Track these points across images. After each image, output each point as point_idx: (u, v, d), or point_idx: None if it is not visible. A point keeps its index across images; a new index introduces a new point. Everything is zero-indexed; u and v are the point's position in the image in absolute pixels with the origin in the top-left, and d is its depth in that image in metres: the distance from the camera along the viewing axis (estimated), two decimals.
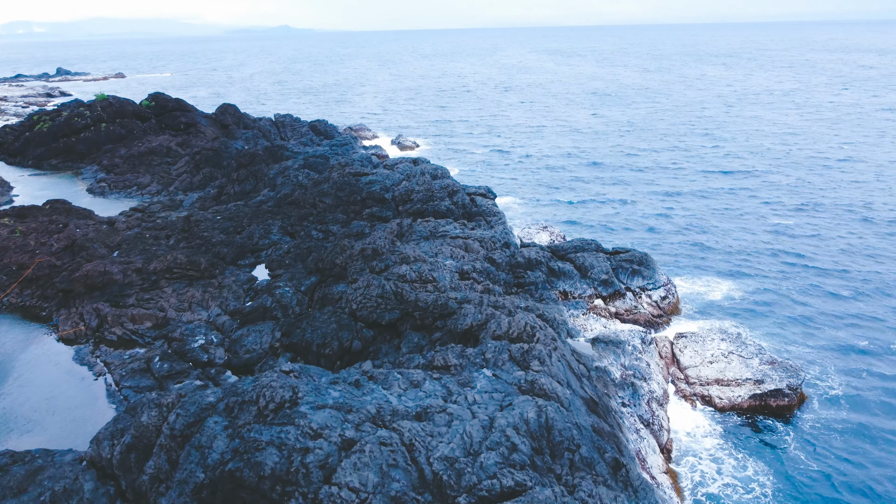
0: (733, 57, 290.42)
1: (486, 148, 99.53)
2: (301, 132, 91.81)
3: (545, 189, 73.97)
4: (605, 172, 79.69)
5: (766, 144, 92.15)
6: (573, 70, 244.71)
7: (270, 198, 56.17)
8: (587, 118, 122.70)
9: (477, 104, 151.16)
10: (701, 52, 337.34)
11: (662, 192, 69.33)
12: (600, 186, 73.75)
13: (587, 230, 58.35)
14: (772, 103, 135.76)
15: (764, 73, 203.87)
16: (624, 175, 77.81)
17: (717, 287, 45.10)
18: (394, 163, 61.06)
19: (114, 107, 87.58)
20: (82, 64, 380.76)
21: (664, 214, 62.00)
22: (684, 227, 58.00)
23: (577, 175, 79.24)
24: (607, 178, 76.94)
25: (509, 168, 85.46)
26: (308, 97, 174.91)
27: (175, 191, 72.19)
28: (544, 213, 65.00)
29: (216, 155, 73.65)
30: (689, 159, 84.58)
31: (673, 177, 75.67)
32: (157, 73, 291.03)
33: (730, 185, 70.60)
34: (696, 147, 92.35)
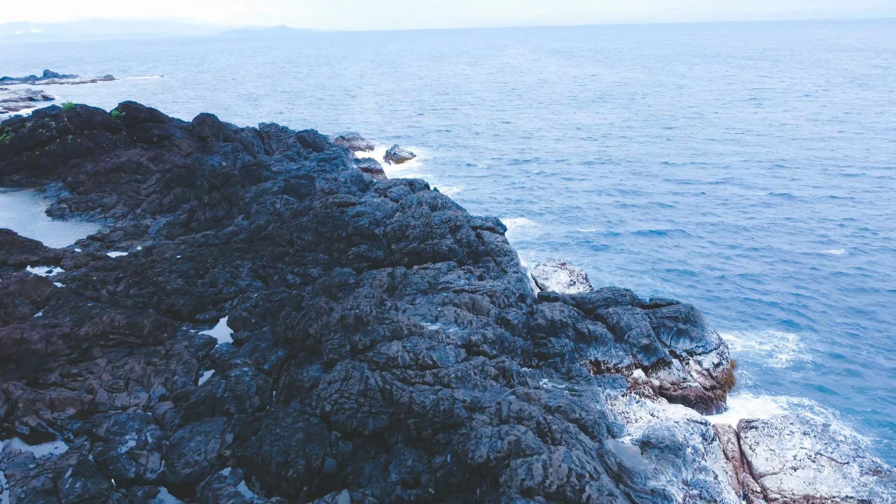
0: (748, 58, 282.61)
1: (490, 159, 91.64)
2: (287, 144, 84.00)
3: (560, 209, 66.16)
4: (627, 190, 71.68)
5: (829, 164, 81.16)
6: (578, 71, 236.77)
7: (243, 229, 48.36)
8: (601, 124, 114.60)
9: (480, 109, 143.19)
10: (710, 53, 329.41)
11: (698, 218, 61.31)
12: (622, 208, 65.96)
13: (611, 264, 50.57)
14: (823, 114, 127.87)
15: (794, 74, 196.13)
16: (651, 195, 69.76)
17: (779, 344, 37.27)
18: (387, 186, 53.28)
19: (82, 117, 79.82)
20: (72, 66, 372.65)
21: (702, 245, 54.21)
22: (730, 263, 50.20)
23: (595, 193, 71.37)
24: (630, 198, 69.00)
25: (518, 183, 77.60)
26: (302, 102, 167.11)
27: (143, 213, 64.38)
28: (560, 238, 57.22)
29: (189, 173, 65.83)
30: (730, 177, 75.85)
31: (710, 199, 67.26)
32: (147, 76, 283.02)
33: (788, 213, 61.61)
34: (737, 163, 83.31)
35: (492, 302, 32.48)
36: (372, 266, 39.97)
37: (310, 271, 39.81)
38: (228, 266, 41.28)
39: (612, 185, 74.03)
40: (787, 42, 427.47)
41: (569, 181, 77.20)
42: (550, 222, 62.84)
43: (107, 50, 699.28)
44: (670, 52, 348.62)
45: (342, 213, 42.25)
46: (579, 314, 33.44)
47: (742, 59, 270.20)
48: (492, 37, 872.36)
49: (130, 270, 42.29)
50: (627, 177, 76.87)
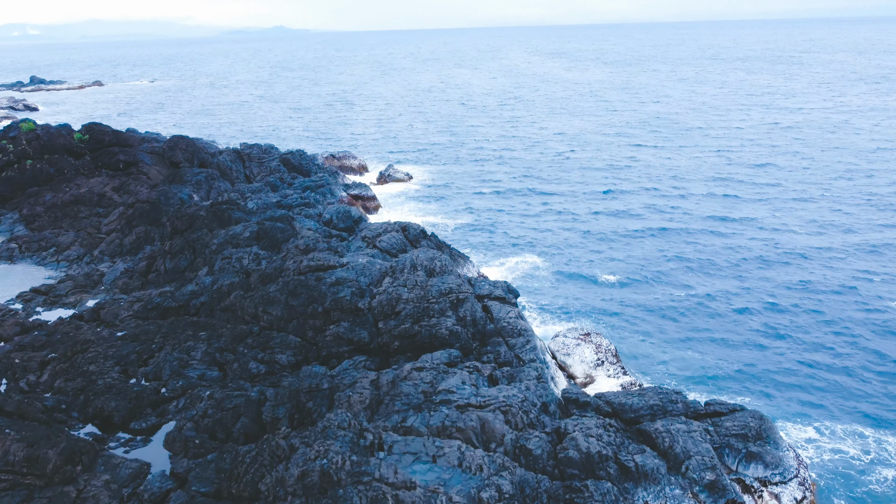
0: (767, 60, 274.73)
1: (494, 180, 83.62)
2: (270, 168, 76.20)
3: (577, 251, 58.30)
4: (655, 228, 63.51)
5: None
6: (583, 76, 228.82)
7: (205, 289, 40.57)
8: (621, 143, 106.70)
9: (482, 119, 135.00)
10: (723, 55, 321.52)
11: (745, 267, 53.30)
12: (648, 249, 58.14)
13: (642, 325, 42.81)
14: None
15: (832, 81, 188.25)
16: (681, 235, 61.68)
17: (870, 446, 29.49)
18: (376, 233, 45.52)
19: (42, 140, 72.03)
20: (63, 71, 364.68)
21: (754, 303, 46.34)
22: (794, 330, 42.42)
23: (616, 228, 63.30)
24: (658, 239, 60.83)
25: (527, 211, 69.52)
26: (294, 112, 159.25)
27: (101, 255, 56.67)
28: (578, 291, 49.42)
29: (153, 209, 58.06)
30: (785, 216, 65.17)
31: (761, 243, 58.79)
32: (137, 81, 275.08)
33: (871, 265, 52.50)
34: (797, 198, 70.85)
35: (507, 422, 24.77)
36: (355, 350, 32.23)
37: (277, 357, 32.05)
38: (179, 348, 33.51)
39: (634, 218, 66.03)
40: (800, 41, 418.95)
41: (584, 211, 69.35)
42: (565, 263, 55.03)
43: (101, 52, 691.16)
44: (678, 53, 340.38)
45: (319, 282, 34.42)
46: (619, 433, 25.72)
47: (762, 62, 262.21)
48: (489, 37, 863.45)
49: (61, 352, 34.47)
50: (653, 210, 68.61)
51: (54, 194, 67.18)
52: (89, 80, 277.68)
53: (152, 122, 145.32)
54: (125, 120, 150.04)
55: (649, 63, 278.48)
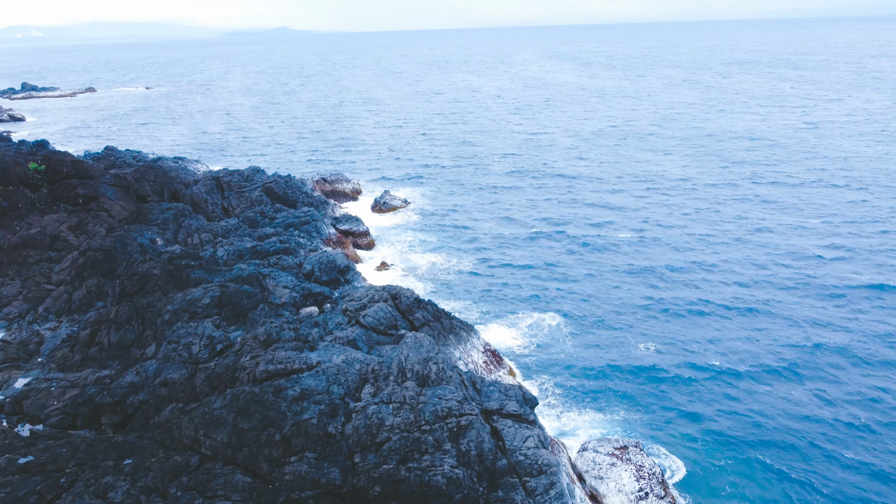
0: (788, 65, 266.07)
1: (505, 212, 74.75)
2: (251, 199, 68.27)
3: (606, 308, 49.97)
4: (715, 304, 53.96)
5: None
6: (599, 83, 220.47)
7: (146, 381, 32.67)
8: (658, 174, 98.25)
9: (491, 136, 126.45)
10: (741, 57, 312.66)
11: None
12: (703, 316, 49.85)
13: (694, 431, 34.66)
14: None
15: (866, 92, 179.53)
16: (745, 301, 51.95)
17: None
18: (360, 303, 37.52)
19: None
20: (58, 75, 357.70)
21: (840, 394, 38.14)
22: None
23: (661, 286, 54.15)
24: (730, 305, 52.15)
25: (545, 259, 60.58)
26: (288, 126, 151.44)
27: (45, 313, 48.83)
28: (608, 366, 41.31)
29: (107, 258, 50.15)
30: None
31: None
32: (131, 87, 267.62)
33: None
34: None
35: None
36: (322, 496, 24.24)
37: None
38: (95, 485, 25.59)
39: (680, 273, 57.34)
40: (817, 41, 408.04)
41: (615, 256, 61.17)
42: (592, 325, 46.88)
43: (100, 55, 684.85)
44: (694, 56, 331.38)
45: (278, 395, 26.43)
46: None
47: (787, 67, 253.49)
48: (491, 39, 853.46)
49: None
50: (704, 271, 59.43)
51: (5, 233, 59.36)
52: (82, 87, 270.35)
53: (137, 137, 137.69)
54: (110, 133, 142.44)
55: (664, 68, 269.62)
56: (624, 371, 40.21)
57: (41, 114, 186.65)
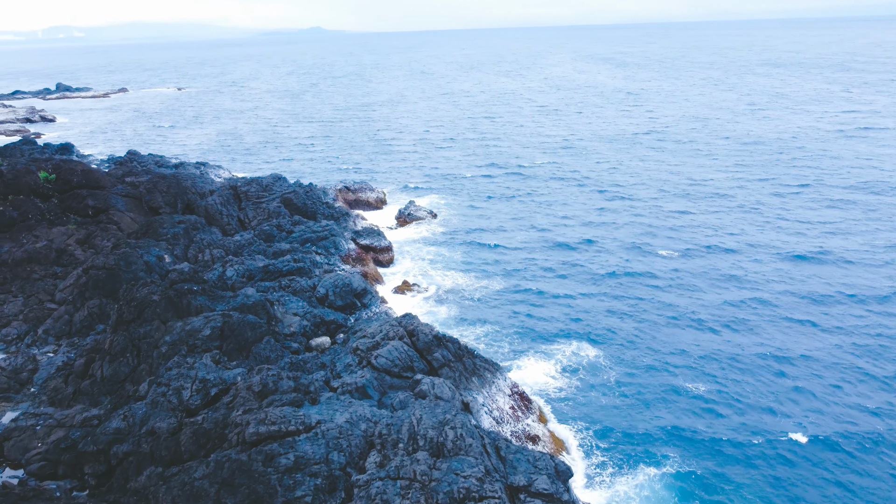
0: (842, 68, 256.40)
1: (539, 228, 69.97)
2: (269, 210, 65.00)
3: (649, 337, 45.57)
4: (764, 313, 49.83)
5: None
6: (635, 84, 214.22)
7: (131, 428, 29.27)
8: (715, 173, 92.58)
9: (526, 142, 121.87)
10: (779, 58, 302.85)
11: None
12: (764, 350, 45.08)
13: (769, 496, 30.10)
14: None
15: None
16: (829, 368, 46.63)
17: None
18: (372, 340, 33.68)
19: (6, 179, 62.03)
20: (93, 76, 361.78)
21: None
22: None
23: (714, 314, 49.28)
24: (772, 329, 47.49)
25: (581, 282, 55.77)
26: (316, 130, 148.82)
27: (45, 336, 46.06)
28: (656, 405, 36.87)
29: (110, 278, 47.16)
30: None
31: None
32: (163, 88, 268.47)
33: None
34: None
35: None
36: None
37: None
38: None
39: (738, 310, 52.46)
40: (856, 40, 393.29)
41: (663, 279, 56.53)
42: (635, 358, 42.42)
43: (136, 55, 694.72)
44: (731, 56, 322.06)
45: (269, 465, 22.70)
46: None
47: (838, 70, 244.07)
48: (524, 38, 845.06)
49: None
50: (759, 304, 53.86)
51: (14, 245, 56.96)
52: (115, 87, 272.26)
53: (163, 139, 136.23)
54: (136, 135, 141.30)
55: (702, 69, 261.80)
56: (675, 413, 35.70)
57: (72, 115, 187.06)
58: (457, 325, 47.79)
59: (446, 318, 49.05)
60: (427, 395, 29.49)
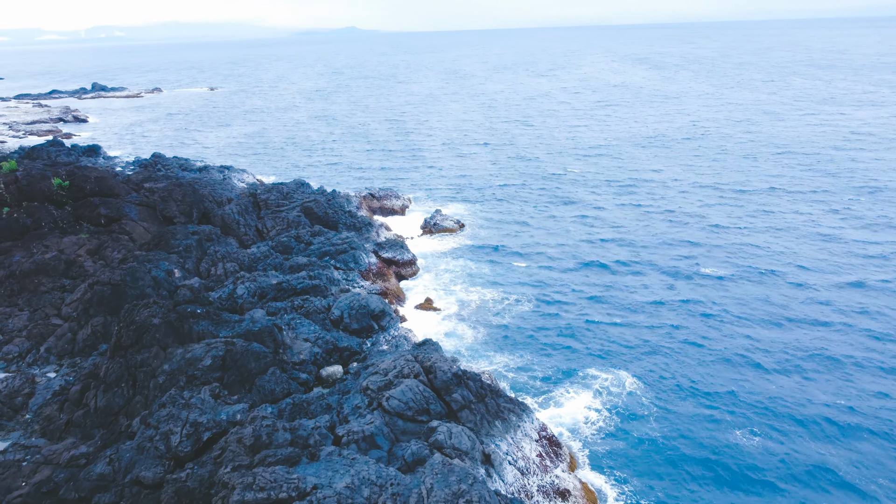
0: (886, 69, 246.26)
1: (573, 242, 65.86)
2: (288, 220, 62.18)
3: (691, 364, 41.64)
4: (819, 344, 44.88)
5: None
6: (675, 87, 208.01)
7: (116, 476, 26.39)
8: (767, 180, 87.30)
9: (562, 144, 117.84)
10: (822, 60, 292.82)
11: None
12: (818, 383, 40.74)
13: None
14: None
15: None
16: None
17: None
18: (384, 379, 30.31)
19: (20, 184, 60.19)
20: (128, 76, 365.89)
21: None
22: None
23: (766, 349, 45.66)
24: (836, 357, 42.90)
25: (618, 303, 52.05)
26: (345, 132, 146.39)
27: (47, 354, 43.70)
28: (700, 454, 32.96)
29: (116, 294, 44.67)
30: None
31: None
32: (196, 88, 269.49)
33: None
34: None
35: None
36: None
37: None
38: None
39: (802, 354, 47.62)
40: None
41: (703, 306, 52.37)
42: (679, 392, 38.55)
43: (172, 55, 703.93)
44: (776, 57, 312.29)
45: None
46: None
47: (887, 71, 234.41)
48: (558, 38, 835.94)
49: None
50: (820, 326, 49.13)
51: (25, 253, 55.01)
52: (149, 87, 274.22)
53: (192, 141, 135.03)
54: (165, 137, 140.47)
55: (747, 70, 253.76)
56: (722, 473, 31.69)
57: (105, 115, 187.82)
58: (482, 351, 44.29)
59: (471, 342, 45.55)
60: (444, 447, 26.10)
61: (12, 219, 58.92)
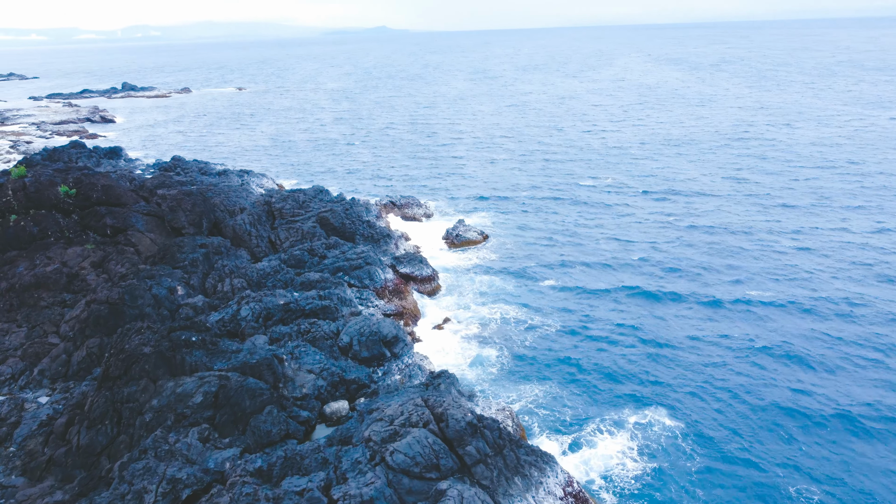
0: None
1: (606, 266, 61.99)
2: (303, 231, 59.16)
3: (735, 407, 37.57)
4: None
5: None
6: (713, 90, 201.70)
7: None
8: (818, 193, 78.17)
9: (595, 150, 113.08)
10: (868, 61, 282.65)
11: None
12: None
13: None
14: None
15: None
16: None
17: None
18: (389, 429, 26.96)
19: (28, 191, 58.10)
20: (158, 76, 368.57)
21: None
22: None
23: (824, 402, 40.90)
24: None
25: (660, 344, 47.61)
26: (369, 135, 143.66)
27: (40, 376, 41.24)
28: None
29: (113, 314, 41.97)
30: None
31: None
32: (224, 88, 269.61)
33: None
34: None
35: None
36: None
37: None
38: None
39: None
40: None
41: (749, 333, 48.10)
42: (725, 445, 34.49)
43: (204, 54, 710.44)
44: (816, 58, 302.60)
45: None
46: None
47: None
48: (590, 38, 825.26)
49: None
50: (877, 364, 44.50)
51: (29, 263, 52.81)
52: (178, 87, 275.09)
53: (214, 143, 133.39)
54: (188, 138, 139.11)
55: (788, 71, 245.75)
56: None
57: (133, 114, 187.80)
58: (506, 382, 40.66)
59: (494, 371, 41.95)
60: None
61: (19, 227, 56.84)
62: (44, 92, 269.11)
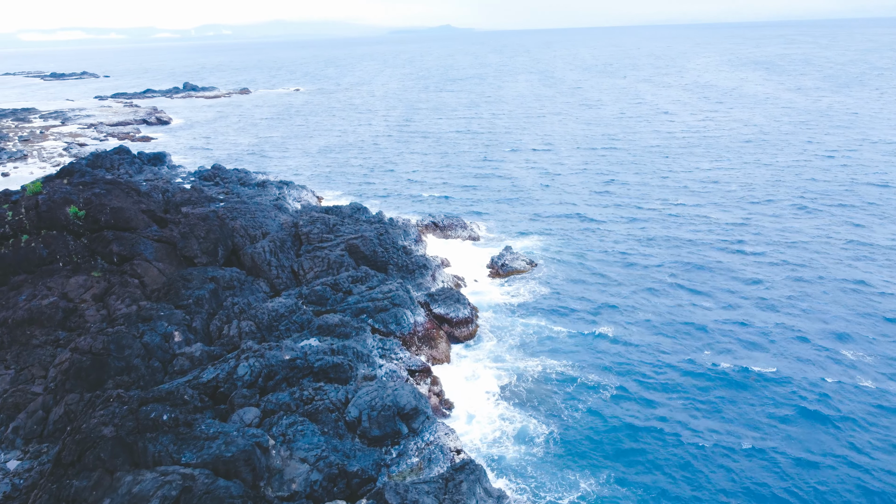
0: None
1: (674, 307, 53.98)
2: (330, 260, 53.05)
3: None
4: None
5: None
6: (800, 98, 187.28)
7: None
8: None
9: (665, 167, 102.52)
10: None
11: None
12: None
13: None
14: None
15: None
16: None
17: None
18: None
19: (40, 209, 53.99)
20: (222, 75, 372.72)
21: None
22: None
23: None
24: None
25: (735, 418, 39.79)
26: (421, 144, 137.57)
27: (13, 435, 36.18)
28: None
29: (96, 366, 36.66)
30: None
31: None
32: (282, 89, 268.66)
33: None
34: None
35: None
36: None
37: None
38: None
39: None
40: None
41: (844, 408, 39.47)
42: None
43: (271, 53, 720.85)
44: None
45: None
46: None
47: None
48: (661, 37, 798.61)
49: None
50: None
51: (32, 290, 48.48)
52: (237, 87, 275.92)
53: (261, 150, 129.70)
54: (237, 143, 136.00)
55: (883, 77, 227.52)
56: None
57: (189, 115, 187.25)
58: (554, 470, 33.36)
59: (539, 452, 34.73)
60: None
61: (29, 248, 52.75)
62: (110, 91, 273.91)
